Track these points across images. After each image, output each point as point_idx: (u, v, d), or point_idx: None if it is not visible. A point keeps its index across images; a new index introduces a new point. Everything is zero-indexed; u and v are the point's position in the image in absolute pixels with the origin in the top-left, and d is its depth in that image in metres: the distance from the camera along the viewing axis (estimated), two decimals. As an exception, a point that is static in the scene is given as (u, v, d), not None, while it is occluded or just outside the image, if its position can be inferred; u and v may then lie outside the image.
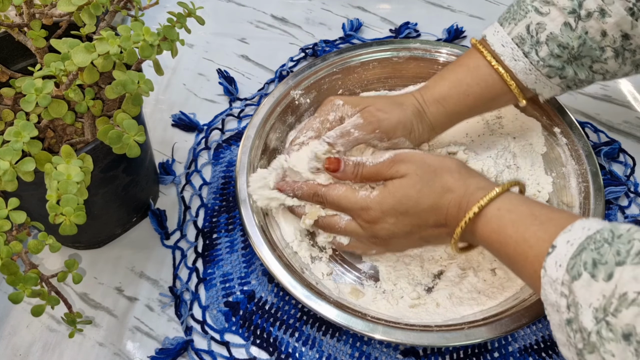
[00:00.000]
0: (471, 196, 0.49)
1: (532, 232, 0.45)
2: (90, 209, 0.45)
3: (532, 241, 0.44)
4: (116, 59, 0.46)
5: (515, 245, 0.45)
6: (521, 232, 0.45)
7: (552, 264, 0.41)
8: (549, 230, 0.44)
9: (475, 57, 0.59)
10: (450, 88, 0.59)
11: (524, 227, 0.45)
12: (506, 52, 0.57)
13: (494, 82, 0.58)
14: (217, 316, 0.59)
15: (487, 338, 0.51)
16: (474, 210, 0.48)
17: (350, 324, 0.52)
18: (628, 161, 0.70)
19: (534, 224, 0.45)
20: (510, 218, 0.47)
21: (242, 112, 0.74)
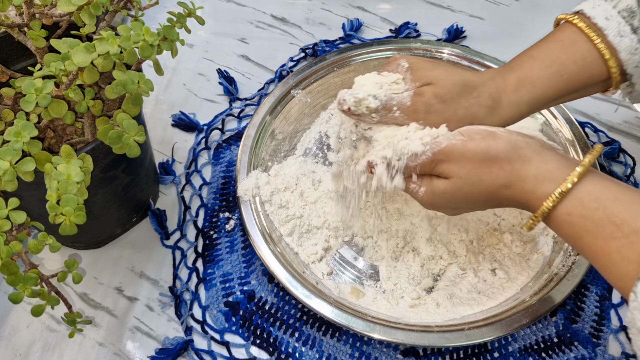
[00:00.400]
0: (531, 195, 0.43)
1: (615, 249, 0.39)
2: (90, 209, 0.45)
3: (616, 259, 0.39)
4: (116, 59, 0.46)
5: (594, 257, 0.40)
6: (600, 246, 0.40)
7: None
8: (636, 247, 0.38)
9: (571, 31, 0.50)
10: (540, 68, 0.50)
11: (603, 241, 0.39)
12: (611, 25, 0.48)
13: (593, 60, 0.49)
14: (217, 316, 0.59)
15: (487, 338, 0.51)
16: (537, 218, 0.43)
17: (350, 323, 0.52)
18: (628, 161, 0.70)
19: (616, 237, 0.39)
20: (585, 226, 0.41)
21: (242, 112, 0.74)
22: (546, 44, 0.51)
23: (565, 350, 0.56)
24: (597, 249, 0.40)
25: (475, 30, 0.83)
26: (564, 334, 0.57)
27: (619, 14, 0.49)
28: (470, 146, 0.45)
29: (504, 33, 0.83)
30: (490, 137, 0.45)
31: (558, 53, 0.50)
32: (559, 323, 0.57)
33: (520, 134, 0.46)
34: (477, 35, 0.82)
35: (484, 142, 0.45)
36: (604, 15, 0.49)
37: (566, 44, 0.50)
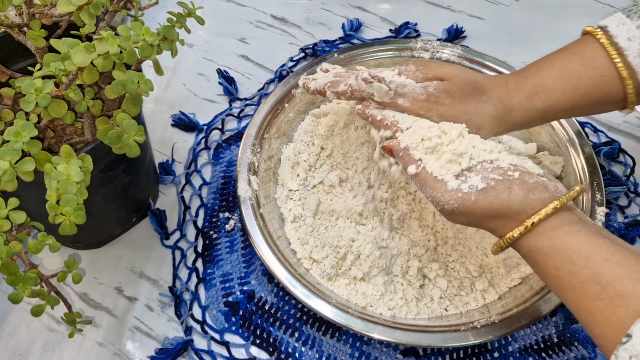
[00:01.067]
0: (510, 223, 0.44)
1: (598, 309, 0.39)
2: (90, 209, 0.45)
3: (599, 319, 0.39)
4: (116, 59, 0.46)
5: (577, 312, 0.41)
6: (584, 304, 0.40)
7: (626, 357, 0.36)
8: (619, 311, 0.38)
9: (593, 47, 0.50)
10: (557, 79, 0.50)
11: (587, 299, 0.40)
12: (633, 47, 0.49)
13: (610, 79, 0.50)
14: (217, 316, 0.59)
15: (487, 338, 0.51)
16: (503, 243, 0.45)
17: (350, 323, 0.52)
18: (628, 161, 0.70)
19: (600, 298, 0.39)
20: (571, 283, 0.41)
21: (242, 112, 0.74)
22: (566, 55, 0.51)
23: (565, 350, 0.56)
24: (581, 306, 0.40)
25: (475, 30, 0.83)
26: (564, 334, 0.57)
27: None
28: (479, 201, 0.44)
29: (504, 33, 0.83)
30: (496, 192, 0.45)
31: (577, 66, 0.50)
32: (559, 323, 0.57)
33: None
34: (477, 35, 0.82)
35: (490, 198, 0.44)
36: (627, 36, 0.49)
37: (586, 58, 0.50)
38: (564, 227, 0.43)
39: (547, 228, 0.43)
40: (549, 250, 0.42)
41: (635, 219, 0.64)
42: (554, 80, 0.50)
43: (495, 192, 0.44)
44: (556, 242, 0.42)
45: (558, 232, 0.43)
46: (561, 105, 0.50)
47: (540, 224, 0.43)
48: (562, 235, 0.42)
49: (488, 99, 0.50)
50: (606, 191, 0.64)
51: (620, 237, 0.62)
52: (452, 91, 0.49)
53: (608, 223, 0.64)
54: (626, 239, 0.63)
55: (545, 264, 0.43)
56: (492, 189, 0.44)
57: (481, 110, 0.49)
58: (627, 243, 0.42)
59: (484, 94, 0.50)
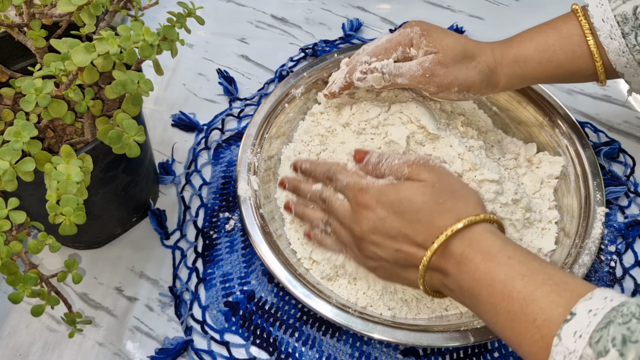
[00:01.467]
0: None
1: (545, 293, 0.40)
2: (90, 209, 0.45)
3: (544, 302, 0.39)
4: (116, 59, 0.46)
5: (522, 301, 0.40)
6: (532, 289, 0.40)
7: (570, 333, 0.37)
8: (564, 294, 0.39)
9: (571, 24, 0.56)
10: (535, 51, 0.57)
11: (535, 285, 0.41)
12: (604, 27, 0.54)
13: (582, 55, 0.56)
14: (217, 316, 0.59)
15: (487, 338, 0.51)
16: (446, 234, 0.45)
17: (350, 323, 0.52)
18: (628, 161, 0.70)
19: (548, 283, 0.40)
20: (521, 270, 0.42)
21: (242, 112, 0.74)
22: (547, 30, 0.57)
23: (565, 350, 0.56)
24: (527, 293, 0.41)
25: (475, 30, 0.83)
26: (564, 334, 0.57)
27: (614, 18, 0.54)
28: (456, 178, 0.51)
29: (504, 33, 0.83)
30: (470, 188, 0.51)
31: (553, 40, 0.56)
32: (559, 323, 0.57)
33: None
34: (477, 35, 0.82)
35: (466, 186, 0.51)
36: (601, 17, 0.54)
37: (563, 33, 0.56)
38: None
39: (499, 229, 0.47)
40: (503, 241, 0.45)
41: (635, 219, 0.64)
42: (532, 52, 0.57)
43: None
44: (508, 240, 0.45)
45: (507, 236, 0.47)
46: (537, 74, 0.57)
47: (489, 224, 0.47)
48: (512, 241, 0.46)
49: (477, 64, 0.57)
50: (606, 191, 0.64)
51: (620, 237, 0.63)
52: (446, 62, 0.56)
53: (608, 223, 0.64)
54: (626, 239, 0.63)
55: (498, 252, 0.44)
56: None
57: (470, 75, 0.57)
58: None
59: (472, 60, 0.57)
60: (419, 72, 0.56)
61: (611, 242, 0.63)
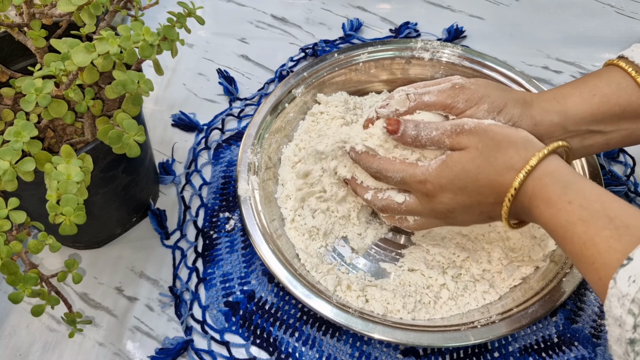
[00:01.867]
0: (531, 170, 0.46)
1: (604, 238, 0.41)
2: (90, 209, 0.45)
3: (603, 247, 0.40)
4: (116, 58, 0.46)
5: (582, 246, 0.42)
6: (591, 235, 0.41)
7: (625, 277, 0.38)
8: (624, 239, 0.40)
9: (608, 68, 0.53)
10: (573, 87, 0.53)
11: (595, 230, 0.41)
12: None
13: (627, 86, 0.51)
14: (217, 316, 0.59)
15: (487, 338, 0.51)
16: (511, 193, 0.47)
17: (350, 323, 0.52)
18: (628, 161, 0.70)
19: (608, 227, 0.41)
20: (581, 215, 0.43)
21: (242, 112, 0.74)
22: (583, 77, 0.54)
23: (566, 350, 0.56)
24: (587, 238, 0.42)
25: (475, 30, 0.83)
26: (564, 334, 0.57)
27: None
28: (494, 127, 0.49)
29: (504, 33, 0.83)
30: (513, 127, 0.50)
31: (592, 79, 0.52)
32: (559, 323, 0.57)
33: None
34: (477, 35, 0.82)
35: (507, 129, 0.49)
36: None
37: (602, 77, 0.52)
38: (565, 167, 0.46)
39: (552, 168, 0.46)
40: (562, 185, 0.45)
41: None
42: (571, 88, 0.52)
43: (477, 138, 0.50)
44: (570, 178, 0.45)
45: (566, 170, 0.46)
46: (580, 111, 0.51)
47: (542, 164, 0.46)
48: (572, 174, 0.46)
49: (511, 93, 0.53)
50: (606, 191, 0.64)
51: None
52: (477, 82, 0.53)
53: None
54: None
55: (559, 198, 0.44)
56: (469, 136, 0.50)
57: (504, 96, 0.52)
58: None
59: (507, 90, 0.53)
60: (448, 86, 0.53)
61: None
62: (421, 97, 0.53)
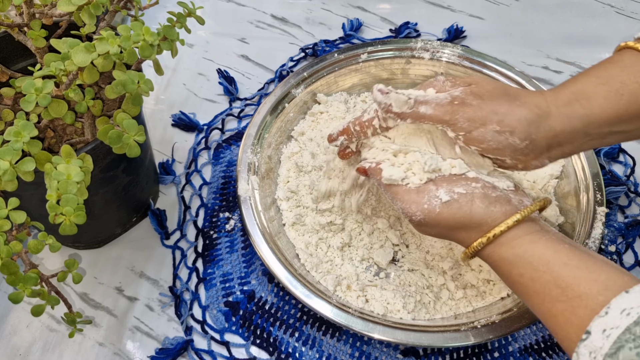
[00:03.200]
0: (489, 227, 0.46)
1: (560, 311, 0.40)
2: (90, 209, 0.45)
3: (561, 320, 0.40)
4: (116, 58, 0.46)
5: (542, 316, 0.42)
6: (548, 307, 0.41)
7: (586, 353, 0.37)
8: (578, 312, 0.39)
9: (630, 54, 0.46)
10: (597, 84, 0.45)
11: (550, 303, 0.41)
12: None
13: None
14: (217, 316, 0.59)
15: (487, 338, 0.51)
16: (467, 253, 0.47)
17: (350, 323, 0.52)
18: (628, 161, 0.70)
19: (561, 300, 0.40)
20: (534, 288, 0.42)
21: (242, 112, 0.74)
22: (603, 65, 0.47)
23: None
24: (545, 310, 0.41)
25: (475, 30, 0.83)
26: (564, 334, 0.57)
27: None
28: (446, 214, 0.47)
29: (504, 33, 0.83)
30: (470, 207, 0.46)
31: (617, 72, 0.45)
32: (559, 323, 0.57)
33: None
34: (477, 35, 0.82)
35: (461, 212, 0.46)
36: None
37: (626, 64, 0.45)
38: (525, 236, 0.44)
39: (509, 238, 0.45)
40: (512, 259, 0.44)
41: (635, 219, 0.64)
42: (594, 86, 0.45)
43: (458, 205, 0.46)
44: (518, 250, 0.44)
45: (520, 241, 0.44)
46: (607, 114, 0.45)
47: (503, 235, 0.45)
48: (524, 244, 0.44)
49: (522, 104, 0.46)
50: (606, 191, 0.64)
51: (620, 237, 0.63)
52: (481, 93, 0.46)
53: (608, 223, 0.64)
54: (626, 239, 0.63)
55: (510, 272, 0.44)
56: (455, 202, 0.46)
57: (514, 112, 0.45)
58: (586, 248, 0.44)
59: (516, 99, 0.46)
60: (447, 100, 0.47)
61: (611, 242, 0.63)
62: (418, 106, 0.47)
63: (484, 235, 0.45)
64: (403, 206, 0.48)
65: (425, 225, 0.48)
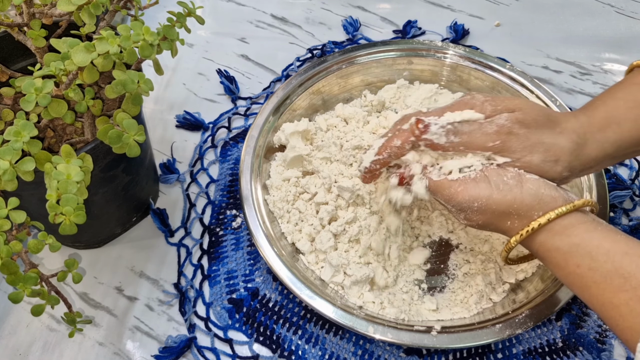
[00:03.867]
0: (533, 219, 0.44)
1: (623, 301, 0.39)
2: (90, 209, 0.45)
3: (624, 311, 0.39)
4: (116, 58, 0.46)
5: (601, 307, 0.41)
6: (609, 297, 0.40)
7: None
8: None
9: None
10: (626, 109, 0.47)
11: (611, 292, 0.40)
12: None
13: None
14: (220, 313, 0.59)
15: (491, 340, 0.51)
16: (509, 244, 0.45)
17: (355, 325, 0.52)
18: (633, 164, 0.69)
19: (624, 289, 0.39)
20: (593, 278, 0.41)
21: (248, 110, 0.74)
22: (626, 87, 0.49)
23: (570, 355, 0.56)
24: (605, 301, 0.40)
25: (475, 29, 0.82)
26: (568, 339, 0.57)
27: None
28: (496, 196, 0.46)
29: (504, 33, 0.83)
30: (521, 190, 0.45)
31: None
32: (564, 327, 0.57)
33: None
34: (477, 35, 0.82)
35: (510, 195, 0.45)
36: None
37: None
38: (580, 225, 0.43)
39: (564, 226, 0.44)
40: (567, 248, 0.43)
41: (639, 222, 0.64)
42: (623, 110, 0.47)
43: (508, 187, 0.45)
44: (574, 239, 0.43)
45: (575, 230, 0.43)
46: (635, 136, 0.47)
47: (557, 222, 0.44)
48: (580, 233, 0.43)
49: (562, 131, 0.47)
50: (611, 195, 0.64)
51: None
52: (527, 121, 0.46)
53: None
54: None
55: (566, 262, 0.43)
56: (505, 184, 0.45)
57: (558, 142, 0.47)
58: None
59: (557, 126, 0.47)
60: (492, 129, 0.46)
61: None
62: (460, 136, 0.47)
63: (537, 219, 0.44)
64: (450, 193, 0.46)
65: (474, 212, 0.46)
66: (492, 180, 0.45)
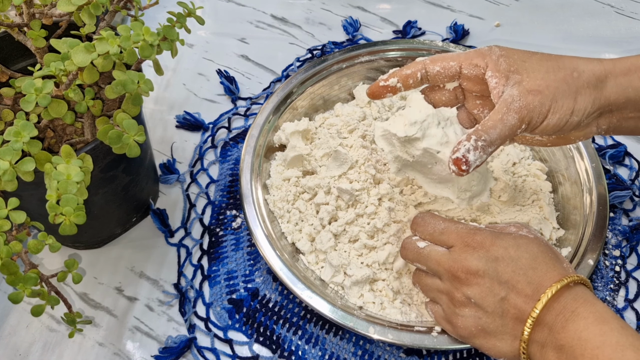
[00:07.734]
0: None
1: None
2: (90, 209, 0.45)
3: None
4: (116, 58, 0.46)
5: None
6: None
7: None
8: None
9: None
10: None
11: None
12: None
13: None
14: (220, 313, 0.59)
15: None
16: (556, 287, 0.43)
17: (355, 325, 0.52)
18: (633, 165, 0.69)
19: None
20: (633, 343, 0.40)
21: (248, 110, 0.74)
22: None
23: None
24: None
25: (475, 30, 0.82)
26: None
27: None
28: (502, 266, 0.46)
29: (504, 33, 0.83)
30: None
31: None
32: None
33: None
34: (477, 35, 0.82)
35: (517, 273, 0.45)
36: None
37: None
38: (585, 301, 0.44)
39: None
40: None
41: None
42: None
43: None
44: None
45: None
46: None
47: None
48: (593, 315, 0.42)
49: (579, 75, 0.45)
50: (611, 195, 0.64)
51: (624, 241, 0.62)
52: (537, 87, 0.45)
53: (613, 227, 0.64)
54: (630, 242, 0.63)
55: None
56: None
57: (573, 86, 0.45)
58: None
59: (574, 70, 0.46)
60: (515, 120, 0.45)
61: (616, 247, 0.62)
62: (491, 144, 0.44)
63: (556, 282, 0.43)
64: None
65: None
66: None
